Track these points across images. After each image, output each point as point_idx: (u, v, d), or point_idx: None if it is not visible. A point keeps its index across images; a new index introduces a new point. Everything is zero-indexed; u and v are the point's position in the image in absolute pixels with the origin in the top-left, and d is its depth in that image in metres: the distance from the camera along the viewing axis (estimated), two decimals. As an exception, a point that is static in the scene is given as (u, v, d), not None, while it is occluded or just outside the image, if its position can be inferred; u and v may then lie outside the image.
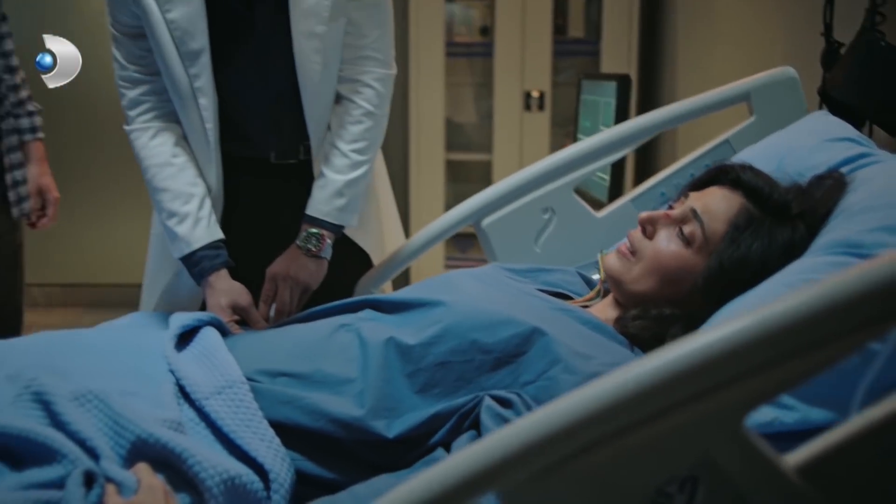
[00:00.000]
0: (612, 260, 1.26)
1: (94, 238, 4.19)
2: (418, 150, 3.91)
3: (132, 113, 1.58)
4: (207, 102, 1.53)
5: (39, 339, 1.33)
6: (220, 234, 1.57)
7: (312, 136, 1.61)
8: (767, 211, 1.19)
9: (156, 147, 1.56)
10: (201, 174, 1.59)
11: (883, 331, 0.68)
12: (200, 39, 1.49)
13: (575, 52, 3.90)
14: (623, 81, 2.07)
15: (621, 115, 2.10)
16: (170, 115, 1.58)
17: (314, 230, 1.59)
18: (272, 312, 1.59)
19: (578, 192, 2.24)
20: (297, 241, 1.59)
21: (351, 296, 1.62)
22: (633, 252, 1.24)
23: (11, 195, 1.93)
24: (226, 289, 1.53)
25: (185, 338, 1.32)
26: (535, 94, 3.80)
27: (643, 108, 3.28)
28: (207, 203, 1.57)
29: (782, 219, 1.18)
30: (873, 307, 0.65)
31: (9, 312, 2.03)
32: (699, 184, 1.28)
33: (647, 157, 3.67)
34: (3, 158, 1.90)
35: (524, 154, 3.80)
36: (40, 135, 2.06)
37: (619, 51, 3.71)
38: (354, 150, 1.60)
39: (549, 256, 1.66)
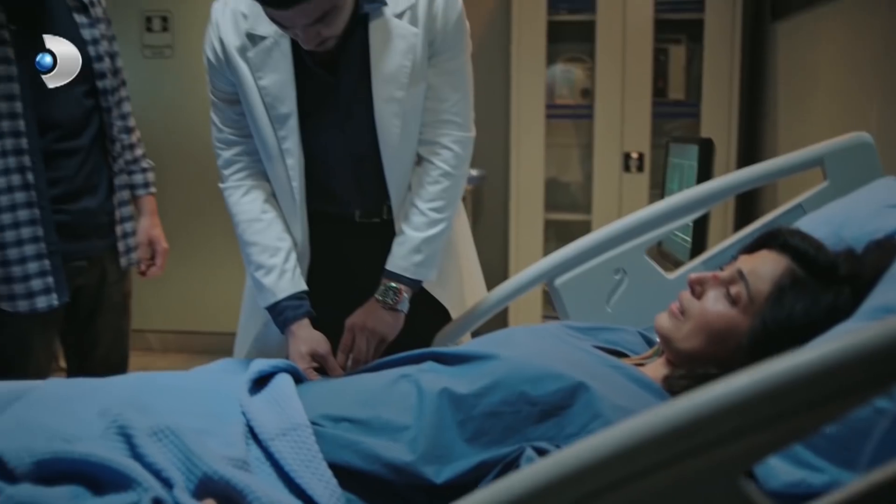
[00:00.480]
0: (663, 319, 1.29)
1: (205, 288, 4.40)
2: (518, 209, 3.97)
3: (226, 172, 1.71)
4: (294, 162, 1.64)
5: (131, 379, 1.45)
6: (303, 286, 1.67)
7: (393, 196, 1.70)
8: (813, 273, 1.20)
9: (247, 203, 1.68)
10: (288, 229, 1.70)
11: (886, 390, 0.70)
12: (289, 104, 1.60)
13: (675, 113, 3.92)
14: (705, 145, 2.09)
15: (703, 178, 2.12)
16: (260, 175, 1.70)
17: (392, 284, 1.67)
18: (350, 361, 1.67)
19: (661, 252, 2.26)
20: (376, 295, 1.67)
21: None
22: (683, 312, 1.27)
23: (121, 246, 2.09)
24: (306, 337, 1.62)
25: (262, 382, 1.41)
26: (634, 155, 3.82)
27: (742, 171, 3.26)
28: (293, 256, 1.68)
29: (827, 281, 1.19)
30: (872, 368, 0.67)
31: (116, 356, 2.17)
32: (750, 248, 1.30)
33: (748, 205, 3.63)
34: (114, 211, 2.07)
35: (623, 214, 3.79)
36: (152, 189, 2.23)
37: (719, 113, 3.71)
38: (432, 209, 1.67)
39: (620, 317, 1.69)
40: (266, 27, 1.56)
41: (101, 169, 2.03)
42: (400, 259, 1.67)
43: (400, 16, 1.59)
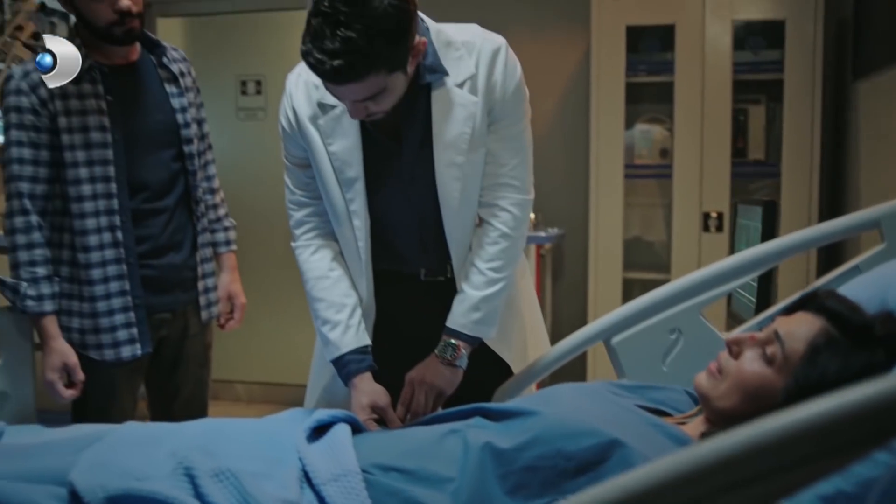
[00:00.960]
0: (701, 378, 1.32)
1: (289, 342, 4.54)
2: (597, 268, 4.00)
3: (297, 231, 1.81)
4: (360, 223, 1.73)
5: (201, 425, 1.55)
6: (366, 341, 1.75)
7: (454, 256, 1.77)
8: (847, 334, 1.22)
9: (315, 262, 1.78)
10: (354, 287, 1.78)
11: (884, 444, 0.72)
12: (356, 168, 1.70)
13: (755, 173, 3.90)
14: (768, 207, 2.11)
15: (767, 240, 2.11)
16: (329, 234, 1.80)
17: (452, 341, 1.73)
18: (409, 414, 1.73)
19: (731, 312, 2.27)
20: (436, 350, 1.74)
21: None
22: (720, 371, 1.30)
23: (202, 300, 2.22)
24: (367, 390, 1.70)
25: (322, 431, 1.49)
26: (713, 214, 3.82)
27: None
28: (358, 312, 1.76)
29: (862, 342, 1.21)
30: (867, 424, 0.70)
31: (197, 403, 2.29)
32: (789, 310, 1.32)
33: (834, 254, 3.58)
34: (197, 267, 2.20)
35: (702, 274, 3.79)
36: (233, 247, 2.36)
37: (800, 172, 3.68)
38: (490, 269, 1.74)
39: (675, 376, 1.71)
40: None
41: (185, 227, 2.17)
42: (459, 316, 1.74)
43: (461, 85, 1.68)
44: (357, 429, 1.55)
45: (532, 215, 4.00)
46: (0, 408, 1.95)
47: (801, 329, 1.25)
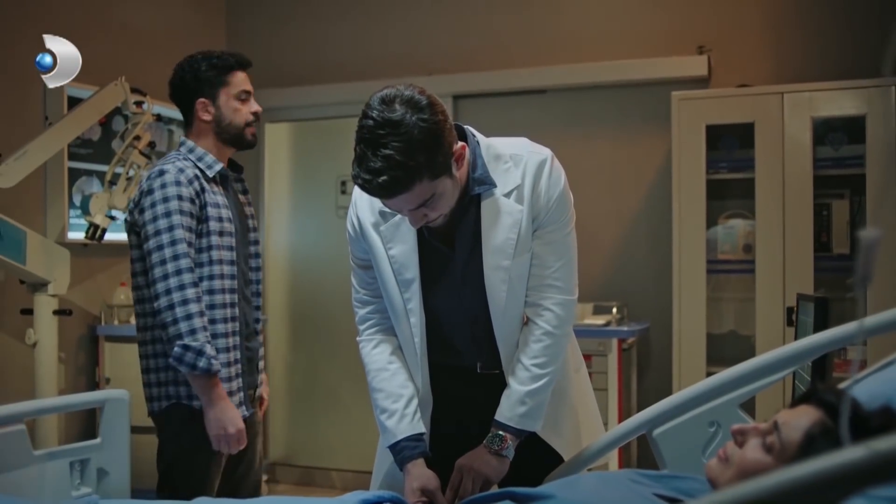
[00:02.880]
0: (711, 463, 1.41)
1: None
2: (680, 362, 4.03)
3: (361, 327, 1.99)
4: (416, 321, 1.89)
5: (264, 501, 1.71)
6: (420, 429, 1.89)
7: (502, 352, 1.91)
8: None
9: (376, 355, 1.95)
10: (411, 378, 1.93)
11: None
12: (413, 270, 1.87)
13: (840, 268, 3.89)
14: (819, 303, 2.16)
15: (817, 336, 2.16)
16: (389, 330, 1.97)
17: (500, 433, 1.86)
18: (457, 499, 1.85)
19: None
20: (485, 441, 1.87)
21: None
22: (727, 458, 1.38)
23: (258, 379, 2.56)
24: (419, 475, 1.83)
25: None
26: (797, 309, 3.81)
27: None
28: (414, 402, 1.91)
29: (857, 433, 1.26)
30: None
31: (253, 475, 2.55)
32: (792, 404, 1.40)
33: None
34: (259, 349, 2.53)
35: (787, 369, 3.78)
36: None
37: (887, 266, 3.65)
38: (535, 365, 1.86)
39: (715, 468, 1.77)
40: None
41: (256, 315, 2.51)
42: (506, 410, 1.86)
43: (508, 195, 1.83)
44: (403, 509, 1.68)
45: (614, 309, 4.12)
46: (99, 483, 2.16)
47: (800, 420, 1.32)
